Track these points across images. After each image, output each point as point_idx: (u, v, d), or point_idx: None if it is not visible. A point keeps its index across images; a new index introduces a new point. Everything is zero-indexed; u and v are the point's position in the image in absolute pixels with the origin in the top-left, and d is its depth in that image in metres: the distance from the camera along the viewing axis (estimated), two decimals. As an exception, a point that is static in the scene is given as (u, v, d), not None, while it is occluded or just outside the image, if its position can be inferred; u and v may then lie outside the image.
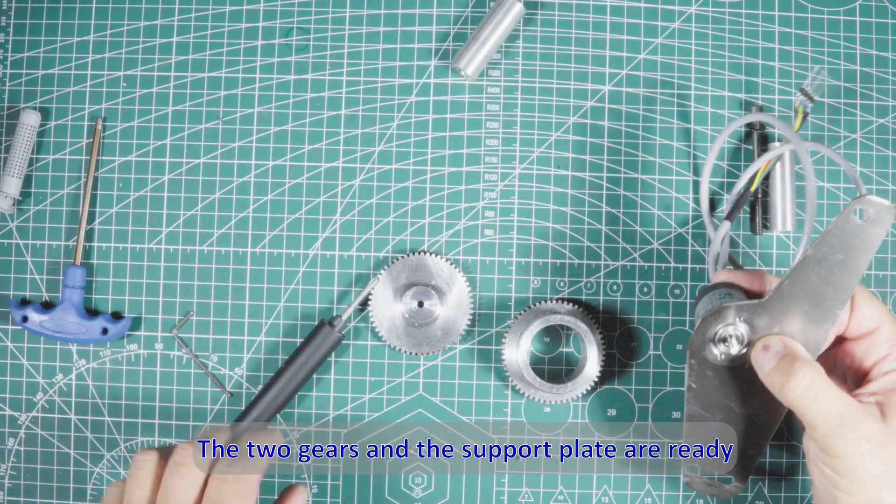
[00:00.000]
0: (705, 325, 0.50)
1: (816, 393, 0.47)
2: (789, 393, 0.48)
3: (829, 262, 0.47)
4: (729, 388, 0.52)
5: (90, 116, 0.64)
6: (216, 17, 0.64)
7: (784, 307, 0.49)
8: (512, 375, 0.60)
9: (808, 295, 0.48)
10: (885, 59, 0.64)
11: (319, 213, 0.63)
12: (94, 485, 0.62)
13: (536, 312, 0.61)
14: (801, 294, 0.48)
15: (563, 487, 0.62)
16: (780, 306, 0.49)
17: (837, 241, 0.47)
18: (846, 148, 0.63)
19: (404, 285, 0.62)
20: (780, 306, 0.49)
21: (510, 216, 0.63)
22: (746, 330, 0.50)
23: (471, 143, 0.63)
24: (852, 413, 0.47)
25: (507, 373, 0.60)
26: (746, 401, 0.52)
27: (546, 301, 0.61)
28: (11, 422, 0.63)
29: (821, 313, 0.49)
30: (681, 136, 0.63)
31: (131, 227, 0.64)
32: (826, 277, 0.48)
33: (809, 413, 0.48)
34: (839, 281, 0.48)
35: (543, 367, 0.63)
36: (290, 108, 0.64)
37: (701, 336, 0.50)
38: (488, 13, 0.62)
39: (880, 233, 0.47)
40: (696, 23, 0.64)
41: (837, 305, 0.48)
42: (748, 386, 0.51)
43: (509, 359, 0.60)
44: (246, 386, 0.63)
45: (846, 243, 0.47)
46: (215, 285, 0.63)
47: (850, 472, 0.47)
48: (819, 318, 0.49)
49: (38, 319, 0.62)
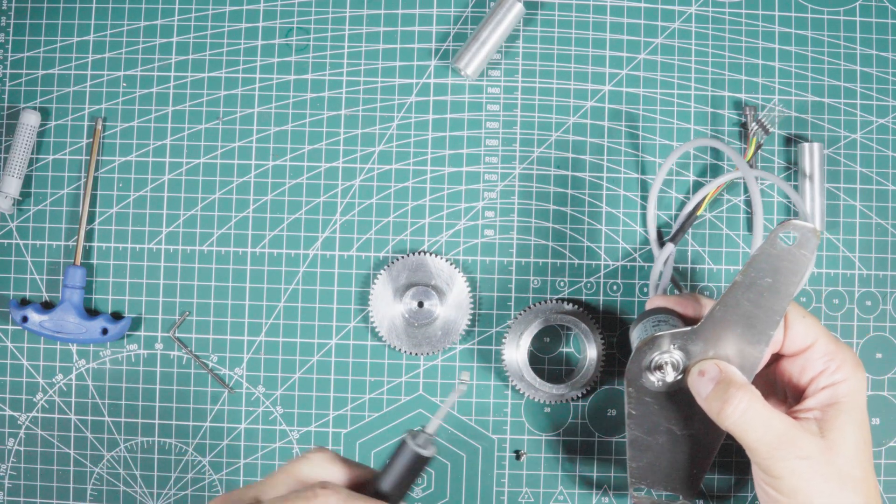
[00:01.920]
0: (640, 355, 0.50)
1: (752, 417, 0.47)
2: (726, 419, 0.48)
3: (758, 286, 0.48)
4: (669, 412, 0.52)
5: (90, 116, 0.64)
6: (216, 17, 0.64)
7: (717, 332, 0.49)
8: (512, 375, 0.60)
9: (741, 319, 0.48)
10: (885, 59, 0.64)
11: (319, 213, 0.63)
12: (94, 485, 0.62)
13: (536, 312, 0.61)
14: (733, 318, 0.48)
15: (563, 487, 0.62)
16: (714, 331, 0.49)
17: (765, 265, 0.47)
18: (846, 148, 0.63)
19: (404, 285, 0.62)
20: (713, 331, 0.49)
21: (510, 216, 0.63)
22: (681, 356, 0.50)
23: (471, 143, 0.63)
24: (790, 433, 0.47)
25: (507, 373, 0.60)
26: (687, 423, 0.52)
27: (546, 301, 0.61)
28: (11, 422, 0.63)
29: (754, 335, 0.48)
30: (680, 136, 0.63)
31: (131, 227, 0.64)
32: (757, 301, 0.48)
33: (747, 437, 0.48)
34: (770, 304, 0.48)
35: (543, 367, 0.63)
36: (290, 108, 0.64)
37: (637, 365, 0.50)
38: (488, 13, 0.62)
39: (808, 255, 0.47)
40: (696, 23, 0.64)
41: (770, 327, 0.48)
42: (688, 409, 0.51)
43: (509, 359, 0.60)
44: (246, 386, 0.63)
45: (774, 267, 0.47)
46: (215, 285, 0.63)
47: (791, 491, 0.47)
48: (753, 340, 0.49)
49: (38, 319, 0.62)
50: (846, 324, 0.62)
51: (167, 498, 0.62)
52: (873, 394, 0.62)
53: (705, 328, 0.49)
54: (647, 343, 0.50)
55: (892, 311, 0.63)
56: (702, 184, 0.63)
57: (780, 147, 0.63)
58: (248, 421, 0.63)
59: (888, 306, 0.63)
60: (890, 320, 0.63)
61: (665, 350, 0.50)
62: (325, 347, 0.63)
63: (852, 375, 0.49)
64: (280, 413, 0.62)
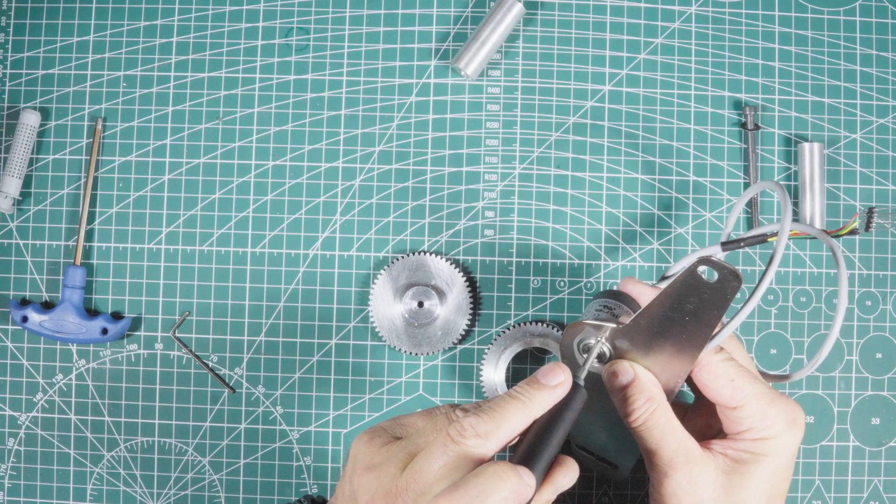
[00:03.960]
0: (568, 335, 0.50)
1: (653, 427, 0.47)
2: (631, 423, 0.47)
3: (683, 307, 0.46)
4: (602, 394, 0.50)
5: (90, 116, 0.64)
6: (216, 17, 0.64)
7: (643, 338, 0.48)
8: (489, 395, 0.60)
9: (665, 331, 0.47)
10: (885, 59, 0.64)
11: (319, 213, 0.63)
12: (94, 485, 0.62)
13: (514, 336, 0.61)
14: (657, 330, 0.47)
15: (563, 487, 0.62)
16: (639, 336, 0.48)
17: (688, 291, 0.45)
18: (846, 148, 0.63)
19: (404, 285, 0.62)
20: (638, 336, 0.48)
21: (510, 216, 0.63)
22: (609, 348, 0.49)
23: (471, 143, 0.63)
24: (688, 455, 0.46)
25: (485, 392, 0.61)
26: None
27: (526, 324, 0.61)
28: (11, 422, 0.63)
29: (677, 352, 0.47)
30: (681, 136, 0.63)
31: (131, 227, 0.64)
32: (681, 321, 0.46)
33: (643, 445, 0.47)
34: (693, 329, 0.46)
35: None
36: (290, 108, 0.64)
37: (568, 343, 0.50)
38: (488, 13, 0.62)
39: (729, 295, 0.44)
40: (696, 23, 0.64)
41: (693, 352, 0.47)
42: None
43: (487, 379, 0.61)
44: (246, 386, 0.63)
45: (696, 296, 0.45)
46: (215, 285, 0.63)
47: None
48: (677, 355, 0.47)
49: (37, 319, 0.62)
50: (846, 324, 0.62)
51: (167, 498, 0.62)
52: (873, 393, 0.62)
53: (631, 329, 0.48)
54: (573, 327, 0.49)
55: (892, 311, 0.63)
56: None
57: (780, 147, 0.63)
58: (248, 421, 0.63)
59: (888, 306, 0.63)
60: (890, 320, 0.63)
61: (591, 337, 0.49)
62: (325, 347, 0.63)
63: (781, 434, 0.47)
64: (280, 413, 0.62)
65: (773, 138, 0.63)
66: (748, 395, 0.47)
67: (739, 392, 0.47)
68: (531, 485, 0.42)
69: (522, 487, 0.42)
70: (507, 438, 0.44)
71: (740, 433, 0.48)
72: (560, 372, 0.46)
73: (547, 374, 0.46)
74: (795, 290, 0.63)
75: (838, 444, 0.62)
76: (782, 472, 0.48)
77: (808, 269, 0.63)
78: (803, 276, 0.63)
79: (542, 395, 0.45)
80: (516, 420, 0.44)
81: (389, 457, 0.44)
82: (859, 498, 0.62)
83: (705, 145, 0.63)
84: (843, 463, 0.62)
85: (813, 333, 0.63)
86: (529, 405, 0.45)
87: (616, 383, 0.48)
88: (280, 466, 0.62)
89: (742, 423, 0.48)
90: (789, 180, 0.63)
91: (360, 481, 0.44)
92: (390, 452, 0.44)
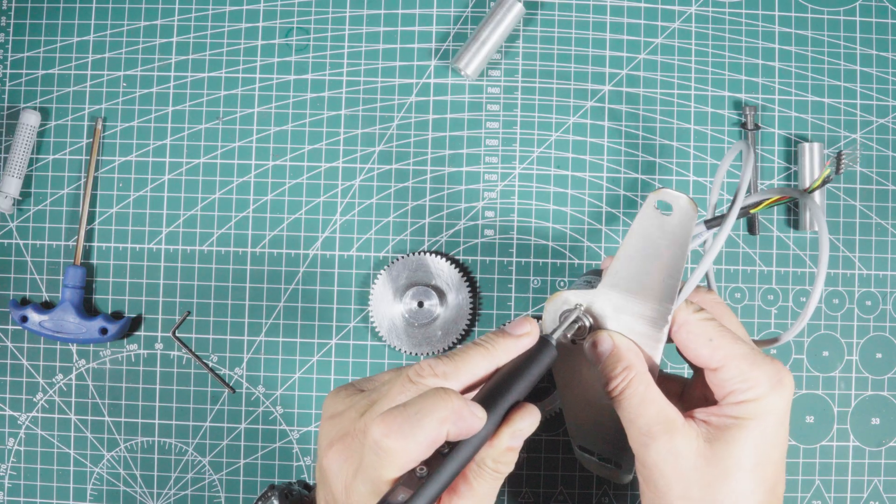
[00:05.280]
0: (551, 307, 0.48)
1: (631, 395, 0.45)
2: (611, 394, 0.46)
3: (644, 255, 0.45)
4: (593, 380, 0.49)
5: (90, 116, 0.64)
6: (216, 17, 0.64)
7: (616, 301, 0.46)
8: None
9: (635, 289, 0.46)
10: (885, 59, 0.64)
11: (319, 213, 0.63)
12: (94, 485, 0.63)
13: None
14: (627, 287, 0.46)
15: (563, 487, 0.62)
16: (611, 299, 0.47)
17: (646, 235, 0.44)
18: (846, 148, 0.63)
19: (404, 285, 0.62)
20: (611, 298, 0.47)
21: (510, 216, 0.63)
22: (590, 320, 0.48)
23: (471, 143, 0.63)
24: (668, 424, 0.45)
25: None
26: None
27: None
28: (11, 422, 0.63)
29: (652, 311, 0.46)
30: (681, 136, 0.63)
31: (131, 227, 0.64)
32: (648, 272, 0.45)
33: (623, 415, 0.46)
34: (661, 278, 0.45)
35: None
36: (290, 108, 0.64)
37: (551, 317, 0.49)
38: (488, 13, 0.62)
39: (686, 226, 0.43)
40: (696, 23, 0.64)
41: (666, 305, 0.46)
42: None
43: None
44: (246, 386, 0.63)
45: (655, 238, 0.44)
46: (215, 285, 0.63)
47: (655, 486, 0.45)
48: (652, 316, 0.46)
49: (37, 319, 0.62)
50: (846, 324, 0.62)
51: (167, 498, 0.62)
52: (873, 393, 0.62)
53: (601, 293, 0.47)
54: (552, 300, 0.48)
55: (892, 311, 0.63)
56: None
57: (780, 147, 0.63)
58: (248, 421, 0.63)
59: (888, 306, 0.63)
60: (890, 320, 0.63)
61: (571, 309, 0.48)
62: (325, 347, 0.63)
63: (765, 396, 0.45)
64: (280, 413, 0.62)
65: (773, 138, 0.63)
66: (728, 354, 0.45)
67: (718, 352, 0.45)
68: (480, 416, 0.41)
69: (466, 413, 0.41)
70: (466, 382, 0.43)
71: (724, 398, 0.46)
72: (527, 324, 0.45)
73: (514, 324, 0.45)
74: (795, 291, 0.63)
75: (838, 444, 0.62)
76: (769, 437, 0.45)
77: (808, 269, 0.63)
78: (803, 276, 0.63)
79: (507, 342, 0.45)
80: (477, 364, 0.44)
81: (352, 404, 0.44)
82: (859, 498, 0.62)
83: (705, 145, 0.63)
84: (843, 463, 0.62)
85: (813, 333, 0.63)
86: (493, 351, 0.44)
87: (596, 354, 0.47)
88: (280, 466, 0.62)
89: (724, 385, 0.45)
90: (789, 180, 0.63)
91: (323, 430, 0.44)
92: (353, 401, 0.45)
